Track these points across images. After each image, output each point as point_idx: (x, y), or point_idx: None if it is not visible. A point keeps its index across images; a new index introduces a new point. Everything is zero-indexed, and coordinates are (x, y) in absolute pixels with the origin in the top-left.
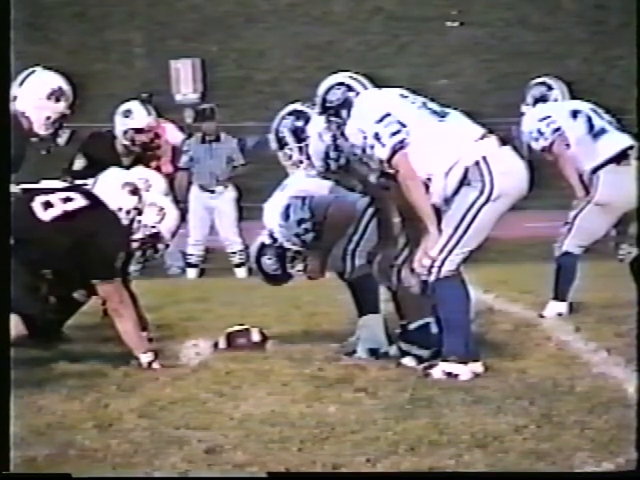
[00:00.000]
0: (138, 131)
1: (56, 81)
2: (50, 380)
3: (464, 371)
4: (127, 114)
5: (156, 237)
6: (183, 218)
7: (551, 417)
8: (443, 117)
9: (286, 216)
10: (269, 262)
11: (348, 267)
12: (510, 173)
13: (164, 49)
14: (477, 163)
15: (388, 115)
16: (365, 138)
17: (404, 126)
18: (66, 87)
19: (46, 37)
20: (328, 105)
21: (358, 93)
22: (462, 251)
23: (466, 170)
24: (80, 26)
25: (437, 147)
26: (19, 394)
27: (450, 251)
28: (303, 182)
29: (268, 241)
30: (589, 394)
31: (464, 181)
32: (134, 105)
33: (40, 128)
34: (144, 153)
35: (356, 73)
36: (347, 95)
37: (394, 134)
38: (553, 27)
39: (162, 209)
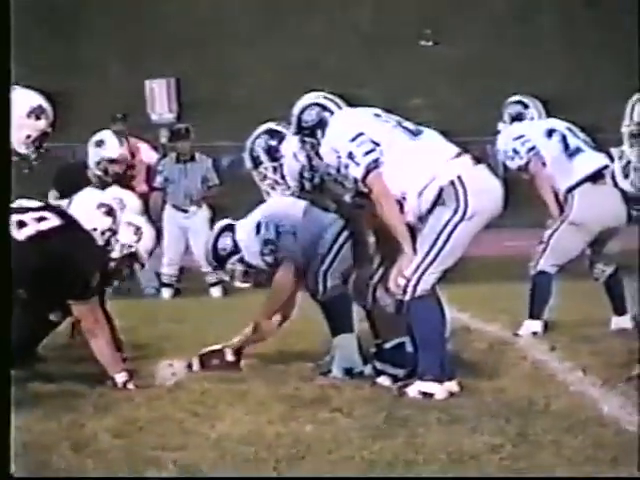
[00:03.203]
0: (111, 161)
1: (36, 99)
2: (25, 400)
3: (439, 390)
4: (99, 144)
5: (133, 257)
6: (158, 238)
7: (527, 436)
8: (417, 135)
9: (256, 231)
10: (225, 244)
11: (320, 288)
12: (484, 192)
13: (139, 68)
14: (452, 182)
15: (361, 134)
16: (339, 157)
17: (378, 145)
18: (46, 105)
19: (21, 56)
20: (303, 125)
21: (333, 113)
22: (437, 270)
23: (441, 189)
24: (54, 45)
25: (411, 166)
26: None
27: (425, 270)
28: (279, 201)
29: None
30: (565, 413)
31: (438, 200)
32: (106, 135)
33: (20, 147)
34: (113, 183)
35: (331, 93)
36: (322, 115)
37: (367, 153)
38: (529, 45)
39: (139, 228)
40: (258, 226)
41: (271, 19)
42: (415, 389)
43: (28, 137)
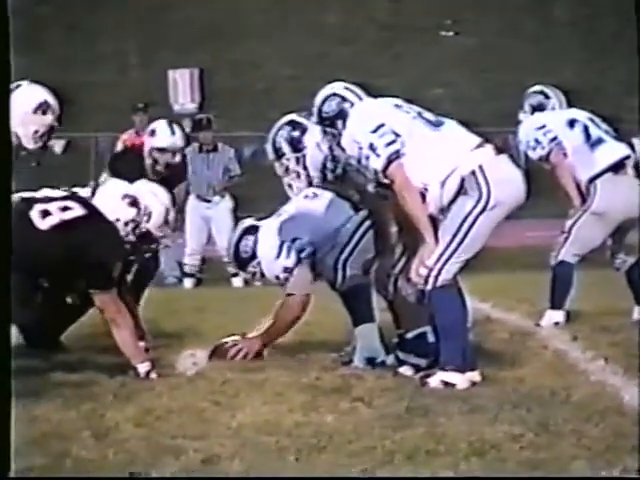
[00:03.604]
0: (160, 150)
1: (42, 94)
2: (46, 390)
3: (461, 380)
4: (152, 134)
5: (147, 236)
6: (180, 227)
7: (548, 426)
8: (438, 127)
9: (277, 255)
10: (247, 247)
11: (339, 278)
12: (507, 182)
13: (159, 60)
14: (473, 172)
15: (382, 125)
16: (360, 149)
17: (399, 136)
18: (52, 100)
19: (41, 49)
20: (324, 116)
21: (353, 104)
22: (459, 260)
23: (462, 179)
24: (74, 37)
25: (433, 157)
26: (15, 404)
27: (447, 260)
28: (302, 207)
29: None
30: (586, 403)
31: (461, 190)
32: (159, 124)
33: (29, 142)
34: (168, 172)
35: (351, 83)
36: (342, 106)
37: (389, 144)
38: (547, 36)
39: (146, 207)
40: (280, 248)
41: (290, 9)
42: (437, 379)
43: (36, 132)
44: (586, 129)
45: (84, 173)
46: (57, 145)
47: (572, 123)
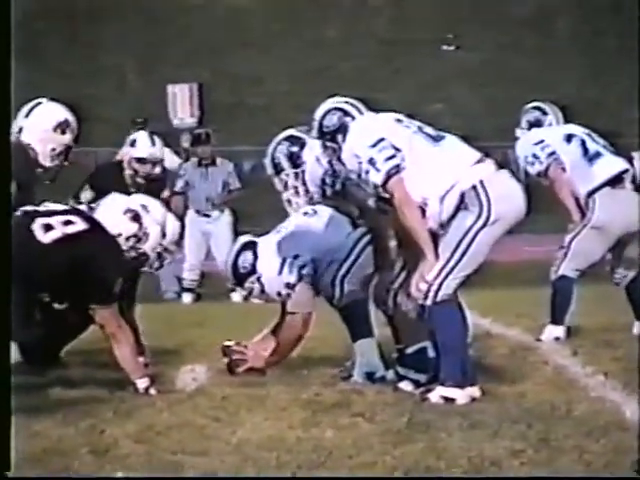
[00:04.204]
0: (140, 160)
1: (62, 113)
2: (46, 405)
3: (461, 395)
4: (132, 144)
5: (142, 257)
6: (179, 242)
7: (548, 441)
8: (438, 141)
9: (279, 271)
10: (246, 263)
11: (337, 293)
12: (507, 197)
13: (158, 74)
14: (474, 187)
15: (382, 140)
16: (360, 163)
17: (399, 151)
18: (72, 119)
19: (39, 63)
20: (325, 130)
21: (354, 118)
22: (459, 275)
23: (462, 194)
24: (73, 51)
25: (432, 172)
26: (14, 420)
27: (447, 275)
28: (303, 225)
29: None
30: (586, 418)
31: (461, 205)
32: (140, 135)
33: (45, 160)
34: (149, 184)
35: (351, 98)
36: (343, 120)
37: (389, 159)
38: (548, 51)
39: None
40: (282, 265)
41: (290, 24)
42: (437, 394)
43: (53, 150)
44: (583, 143)
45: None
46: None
47: (569, 138)
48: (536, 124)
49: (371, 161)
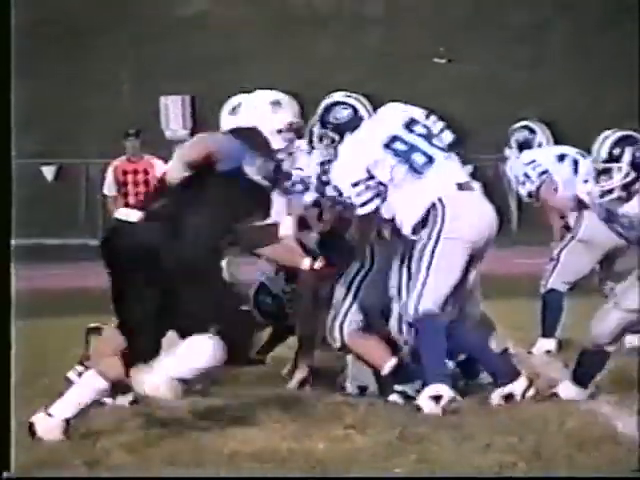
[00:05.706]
0: None
1: (273, 94)
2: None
3: (447, 391)
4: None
5: None
6: None
7: (540, 454)
8: (423, 171)
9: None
10: (267, 300)
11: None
12: (467, 216)
13: (151, 86)
14: (433, 205)
15: (361, 181)
16: (340, 195)
17: (378, 195)
18: (283, 98)
19: (34, 74)
20: (332, 120)
21: (362, 119)
22: (437, 290)
23: (427, 212)
24: (69, 62)
25: (409, 205)
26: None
27: (422, 289)
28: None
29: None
30: (578, 431)
31: (423, 223)
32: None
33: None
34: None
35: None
36: (353, 117)
37: (364, 204)
38: (541, 65)
39: None
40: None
41: (283, 37)
42: (424, 396)
43: (279, 132)
44: (575, 163)
45: (75, 199)
46: (48, 171)
47: (562, 157)
48: (525, 143)
49: (350, 198)
